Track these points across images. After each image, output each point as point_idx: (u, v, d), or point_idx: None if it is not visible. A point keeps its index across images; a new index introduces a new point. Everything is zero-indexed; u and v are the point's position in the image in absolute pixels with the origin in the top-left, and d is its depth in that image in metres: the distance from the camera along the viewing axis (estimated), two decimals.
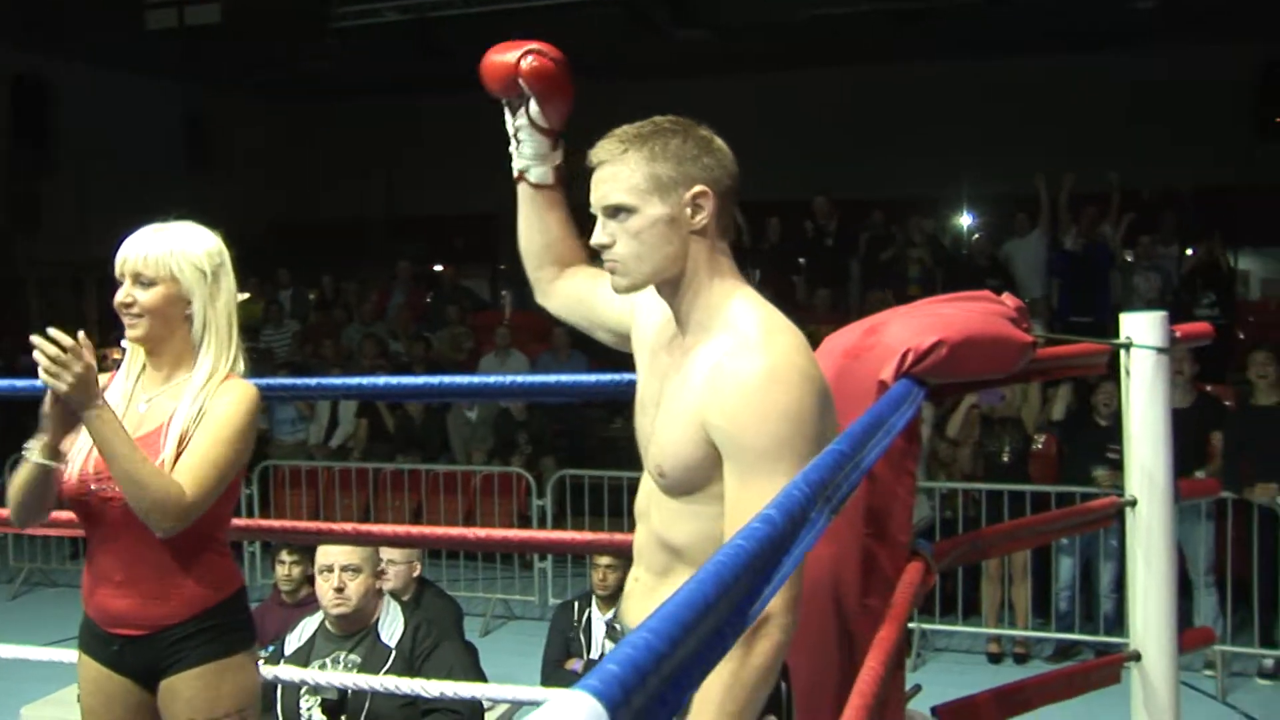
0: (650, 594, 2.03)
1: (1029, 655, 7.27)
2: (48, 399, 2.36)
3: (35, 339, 2.30)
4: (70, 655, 2.74)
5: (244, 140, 16.88)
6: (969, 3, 11.28)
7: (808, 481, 1.31)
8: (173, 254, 2.48)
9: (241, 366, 2.58)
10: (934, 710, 2.31)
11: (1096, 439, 6.80)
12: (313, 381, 4.04)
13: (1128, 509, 2.59)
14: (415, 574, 4.69)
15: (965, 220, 14.24)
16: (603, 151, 1.95)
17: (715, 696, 1.74)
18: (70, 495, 2.50)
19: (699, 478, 1.91)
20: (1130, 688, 2.59)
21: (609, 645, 2.20)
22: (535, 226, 2.31)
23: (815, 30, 12.38)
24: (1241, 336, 9.86)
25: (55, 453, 2.42)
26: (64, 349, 2.28)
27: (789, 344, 1.89)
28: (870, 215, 11.72)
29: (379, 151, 16.40)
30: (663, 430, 1.96)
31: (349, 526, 3.55)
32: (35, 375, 2.42)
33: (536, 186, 2.28)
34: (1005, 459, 7.35)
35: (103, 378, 2.63)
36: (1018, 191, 12.15)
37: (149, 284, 2.47)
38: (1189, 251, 10.58)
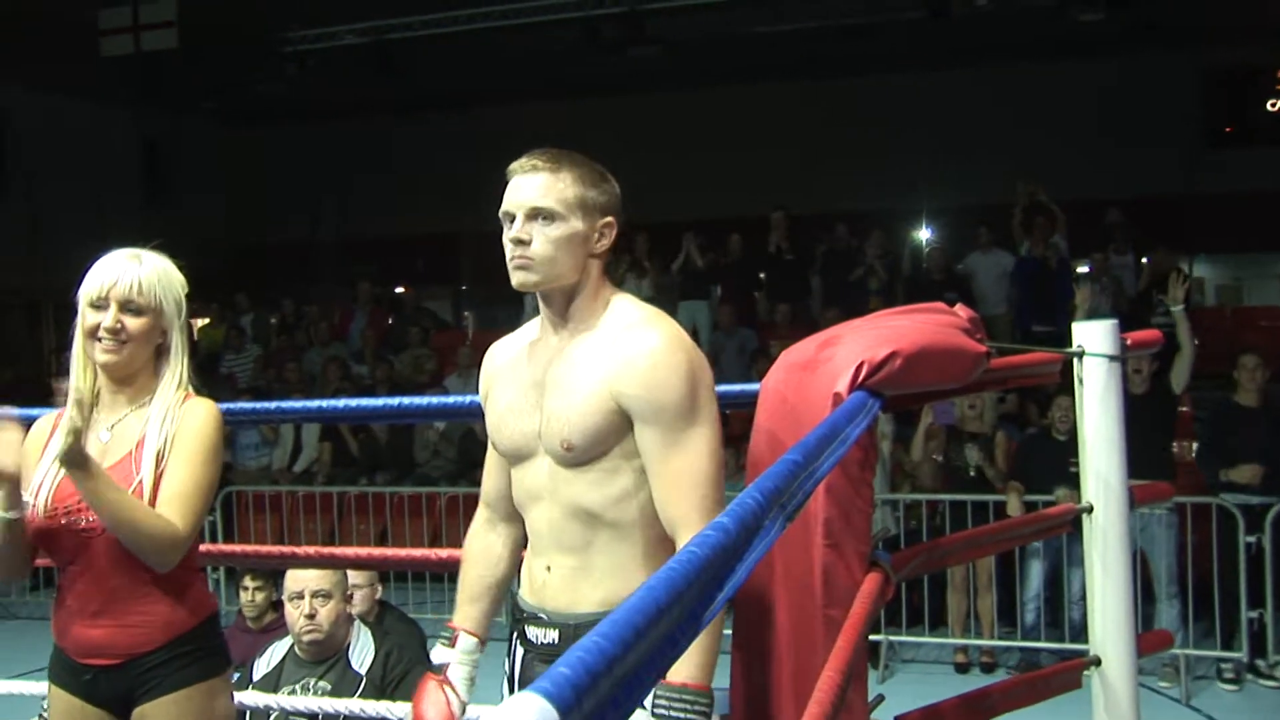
0: (575, 574, 2.20)
1: (995, 665, 7.32)
2: None
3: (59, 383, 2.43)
4: (34, 688, 2.72)
5: (201, 165, 16.79)
6: (915, 19, 11.39)
7: (761, 490, 1.32)
8: (160, 283, 2.53)
9: (189, 390, 2.60)
10: (897, 719, 2.33)
11: (1057, 454, 6.87)
12: (274, 405, 4.04)
13: (1084, 515, 2.62)
14: (376, 596, 4.67)
15: (924, 234, 14.34)
16: (539, 161, 2.17)
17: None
18: (38, 529, 2.48)
19: (607, 443, 2.13)
20: (1091, 692, 2.62)
21: (533, 631, 2.28)
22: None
23: (767, 46, 12.48)
24: (1196, 343, 9.94)
25: (15, 500, 2.41)
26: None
27: (673, 323, 2.19)
28: (832, 229, 11.78)
29: (338, 174, 16.37)
30: (563, 410, 2.16)
31: (313, 550, 3.54)
32: None
33: None
34: (971, 474, 7.39)
35: (53, 413, 2.62)
36: (974, 204, 12.27)
37: (138, 312, 2.50)
38: (1144, 260, 10.70)
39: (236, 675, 3.91)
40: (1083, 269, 11.09)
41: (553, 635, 2.22)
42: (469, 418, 8.34)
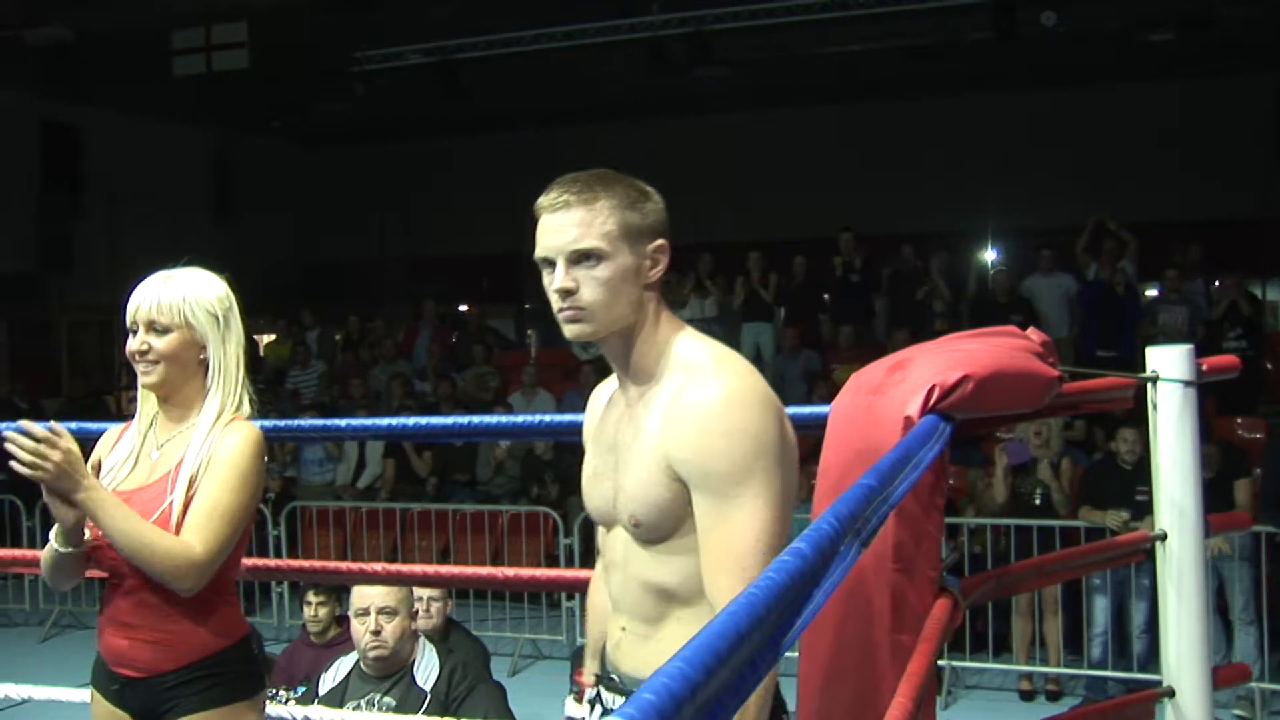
0: (645, 641, 2.04)
1: (1061, 692, 7.21)
2: (44, 489, 2.38)
3: (8, 434, 2.33)
4: None
5: (269, 182, 17.04)
6: (982, 40, 11.31)
7: (837, 515, 1.32)
8: (185, 300, 2.50)
9: (247, 409, 2.58)
10: None
11: (1122, 482, 6.79)
12: (341, 422, 4.08)
13: (1158, 544, 2.57)
14: (448, 610, 4.70)
15: (989, 255, 14.24)
16: (571, 195, 1.92)
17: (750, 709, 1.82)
18: (90, 546, 2.52)
19: (673, 520, 1.93)
20: None
21: (606, 695, 2.16)
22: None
23: (834, 66, 12.46)
24: (1270, 367, 9.80)
25: (74, 537, 2.45)
26: (38, 439, 2.30)
27: (739, 369, 1.94)
28: (898, 250, 11.72)
29: (403, 193, 16.54)
30: (628, 480, 1.97)
31: (379, 566, 3.57)
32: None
33: None
34: (1036, 502, 7.30)
35: (118, 427, 2.66)
36: (1040, 225, 12.16)
37: (163, 331, 2.49)
38: (1216, 284, 10.54)
39: (302, 689, 3.95)
40: (1152, 292, 10.95)
41: (620, 702, 2.12)
42: (532, 437, 8.40)
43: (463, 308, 14.84)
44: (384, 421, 6.39)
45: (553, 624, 8.26)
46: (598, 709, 2.19)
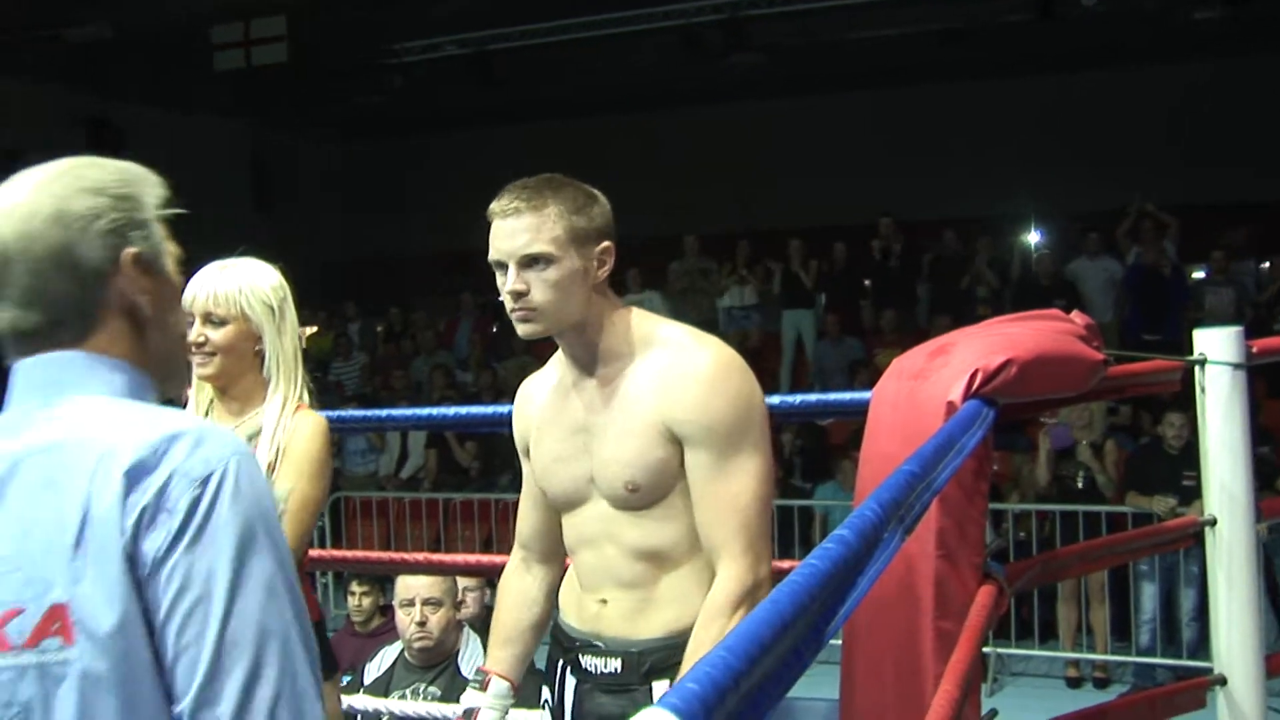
0: (638, 605, 2.13)
1: (1109, 680, 7.14)
2: None
3: None
4: None
5: (310, 176, 17.12)
6: (1021, 21, 11.18)
7: (880, 502, 1.31)
8: (241, 291, 2.50)
9: (307, 397, 2.58)
10: None
11: (1168, 467, 6.72)
12: (382, 413, 4.10)
13: (1207, 529, 2.54)
14: (485, 600, 4.71)
15: (1033, 239, 14.10)
16: (521, 201, 2.04)
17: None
18: None
19: (669, 479, 2.06)
20: (1215, 713, 2.54)
21: (588, 660, 2.20)
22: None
23: (871, 50, 12.36)
24: None
25: None
26: None
27: (716, 340, 2.11)
28: (939, 235, 11.63)
29: (442, 183, 16.57)
30: (620, 450, 2.08)
31: (421, 556, 3.57)
32: None
33: None
34: (1079, 485, 7.24)
35: None
36: (1083, 209, 12.02)
37: (220, 322, 2.49)
38: (1265, 265, 10.40)
39: (347, 679, 3.97)
40: (1199, 275, 10.81)
41: (615, 664, 2.14)
42: None
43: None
44: (425, 411, 6.40)
45: None
46: (569, 679, 2.21)
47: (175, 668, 1.16)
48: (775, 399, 2.68)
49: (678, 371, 2.04)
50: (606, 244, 2.08)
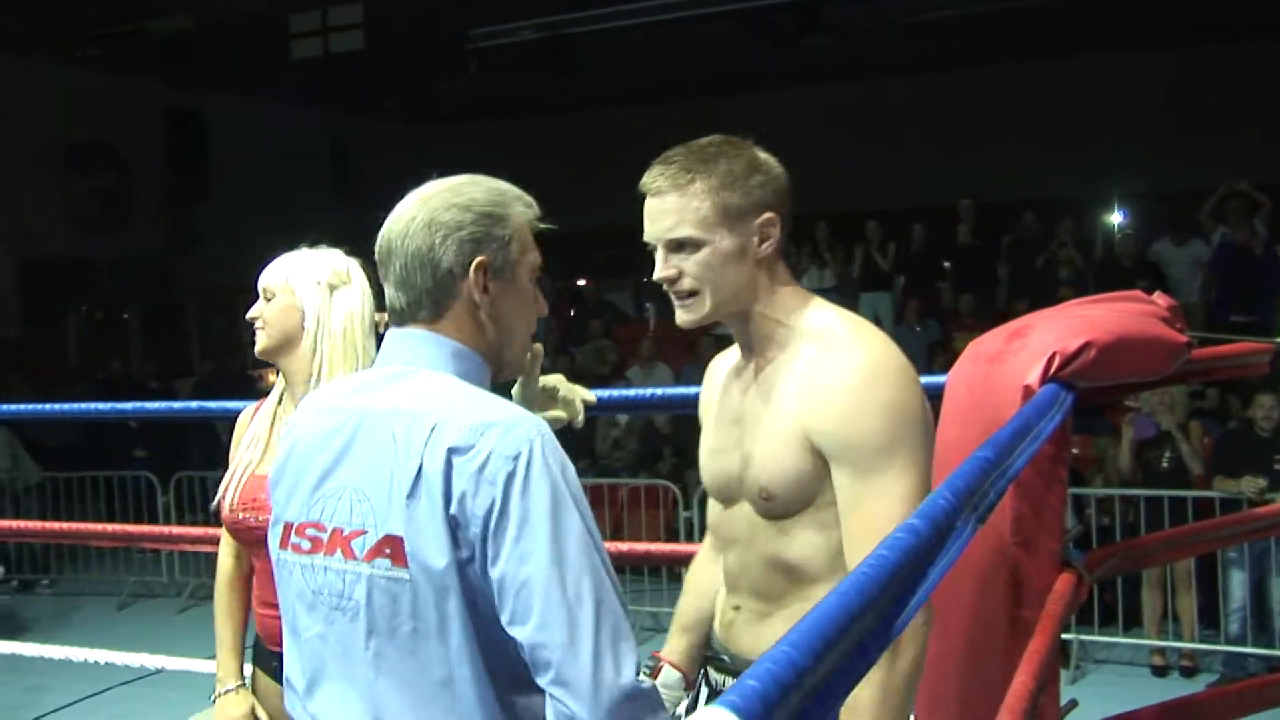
0: (763, 620, 1.97)
1: (1197, 669, 6.98)
2: None
3: None
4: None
5: (388, 163, 17.25)
6: None
7: (953, 490, 1.28)
8: (292, 268, 2.52)
9: None
10: None
11: (1260, 450, 6.57)
12: None
13: None
14: None
15: (1116, 219, 13.84)
16: (665, 179, 1.87)
17: (866, 708, 1.72)
18: (226, 523, 2.57)
19: (808, 492, 1.85)
20: None
21: (713, 675, 2.08)
22: None
23: (948, 31, 12.19)
24: None
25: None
26: None
27: (878, 339, 1.87)
28: (1019, 217, 11.47)
29: (518, 169, 16.56)
30: (761, 451, 1.89)
31: None
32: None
33: None
34: (1165, 465, 7.09)
35: (253, 406, 2.70)
36: (1168, 189, 11.78)
37: (271, 298, 2.51)
38: None
39: None
40: None
41: (730, 683, 2.06)
42: (650, 409, 8.39)
43: (580, 283, 14.89)
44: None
45: (673, 596, 8.21)
46: (703, 689, 2.12)
47: (508, 602, 1.48)
48: None
49: (823, 374, 1.82)
50: (768, 215, 1.86)
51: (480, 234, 1.70)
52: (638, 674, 1.50)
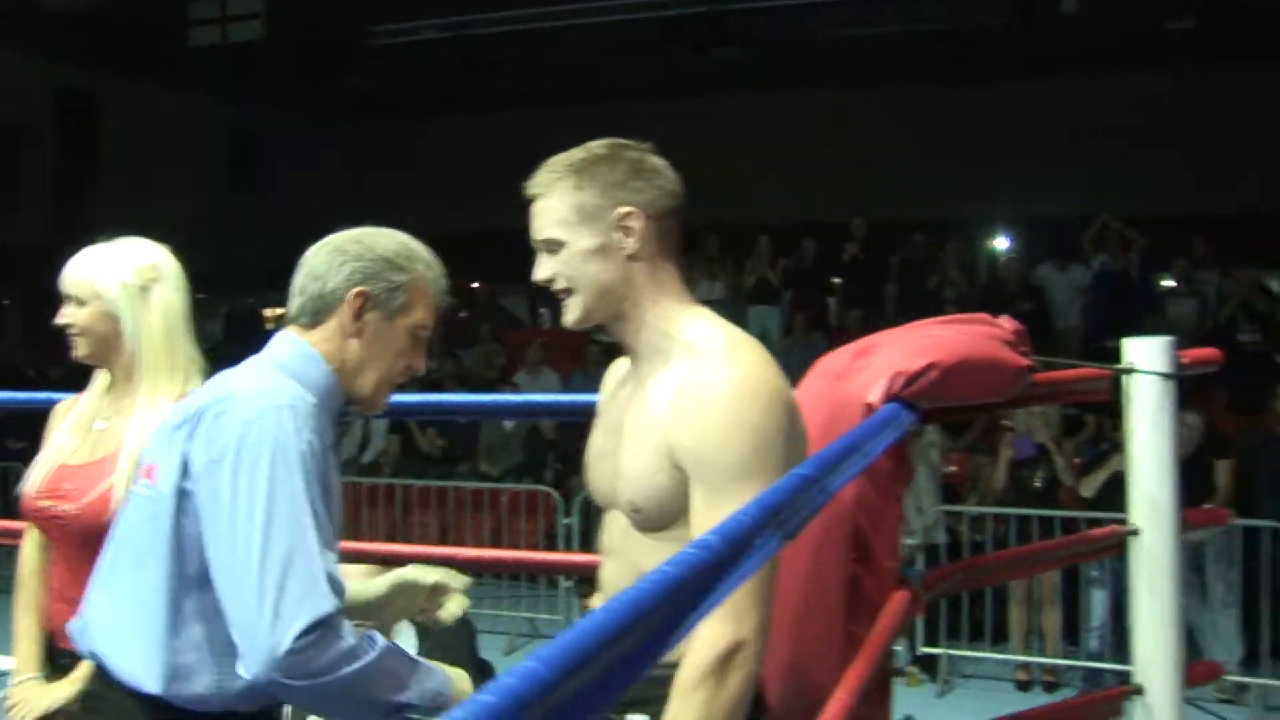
0: None
1: (1058, 684, 7.14)
2: None
3: None
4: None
5: (286, 157, 17.01)
6: (1001, 24, 11.18)
7: (759, 506, 1.28)
8: (97, 272, 2.42)
9: (197, 383, 2.40)
10: None
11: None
12: None
13: (1130, 539, 2.53)
14: None
15: (1001, 244, 14.12)
16: (535, 185, 1.92)
17: None
18: (26, 509, 2.49)
19: (673, 509, 1.83)
20: None
21: None
22: None
23: (851, 50, 12.36)
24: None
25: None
26: None
27: (753, 358, 1.83)
28: (908, 237, 11.64)
29: (417, 168, 16.49)
30: (629, 464, 1.88)
31: (378, 547, 3.51)
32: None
33: None
34: (1038, 484, 7.25)
35: (71, 399, 2.62)
36: (1053, 214, 12.06)
37: (81, 304, 2.43)
38: (1228, 277, 10.43)
39: None
40: (1168, 283, 10.84)
41: None
42: (538, 416, 8.34)
43: (475, 285, 14.79)
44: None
45: (550, 603, 8.23)
46: None
47: (210, 542, 1.79)
48: None
49: (692, 390, 1.79)
50: (625, 210, 1.86)
51: (372, 271, 1.96)
52: (316, 628, 1.70)
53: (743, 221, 12.28)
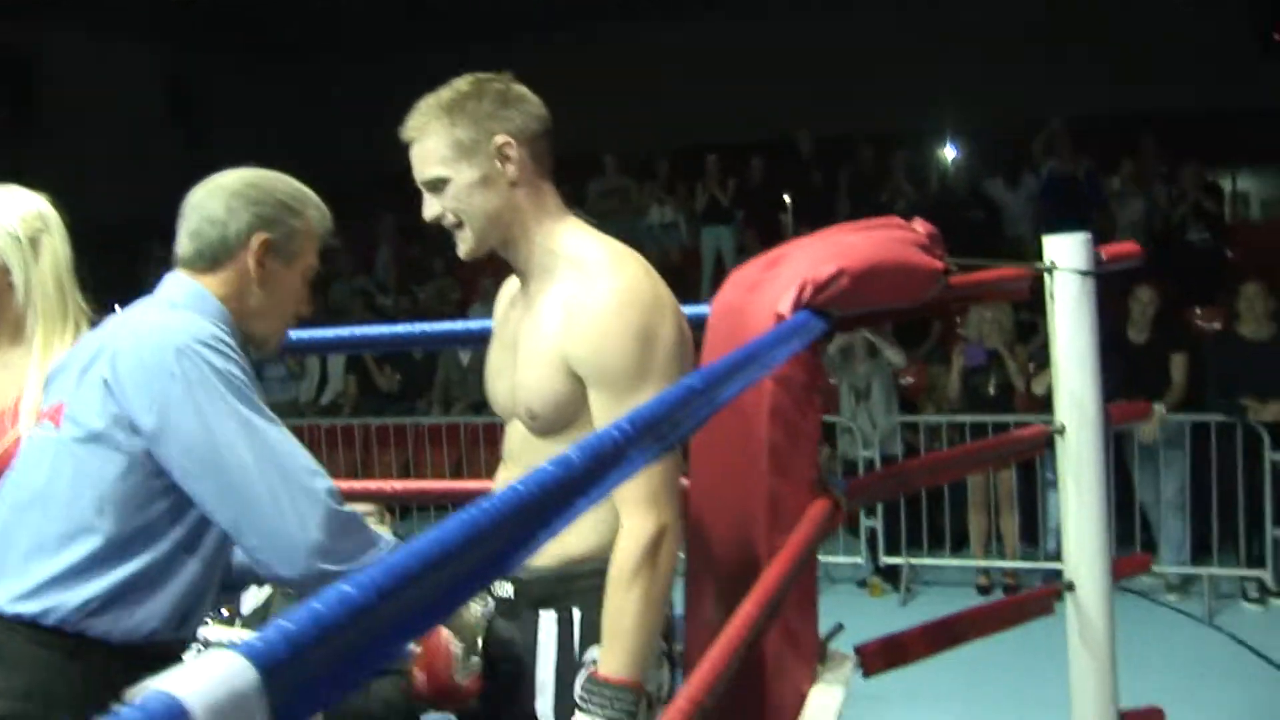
0: None
1: (1019, 586, 7.20)
2: None
3: None
4: None
5: (229, 101, 16.72)
6: None
7: (633, 420, 1.25)
8: None
9: (86, 329, 2.36)
10: (856, 649, 2.26)
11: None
12: (292, 335, 3.99)
13: (1057, 437, 2.53)
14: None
15: (950, 153, 14.03)
16: (410, 129, 2.00)
17: (632, 616, 1.84)
18: None
19: (568, 412, 1.96)
20: (1065, 619, 2.54)
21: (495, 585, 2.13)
22: None
23: None
24: (1230, 255, 9.70)
25: None
26: None
27: (635, 269, 1.96)
28: (857, 151, 11.57)
29: (363, 107, 16.24)
30: (526, 374, 2.00)
31: (344, 485, 3.47)
32: None
33: None
34: (990, 391, 7.27)
35: None
36: (1003, 121, 11.97)
37: None
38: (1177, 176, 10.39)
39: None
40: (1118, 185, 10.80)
41: (508, 589, 2.11)
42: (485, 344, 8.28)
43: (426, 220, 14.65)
44: (333, 333, 6.28)
45: None
46: (489, 600, 2.15)
47: (207, 465, 1.80)
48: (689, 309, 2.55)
49: (579, 302, 1.92)
50: (501, 140, 1.96)
51: (272, 216, 1.97)
52: (333, 501, 1.84)
53: (690, 143, 12.17)
